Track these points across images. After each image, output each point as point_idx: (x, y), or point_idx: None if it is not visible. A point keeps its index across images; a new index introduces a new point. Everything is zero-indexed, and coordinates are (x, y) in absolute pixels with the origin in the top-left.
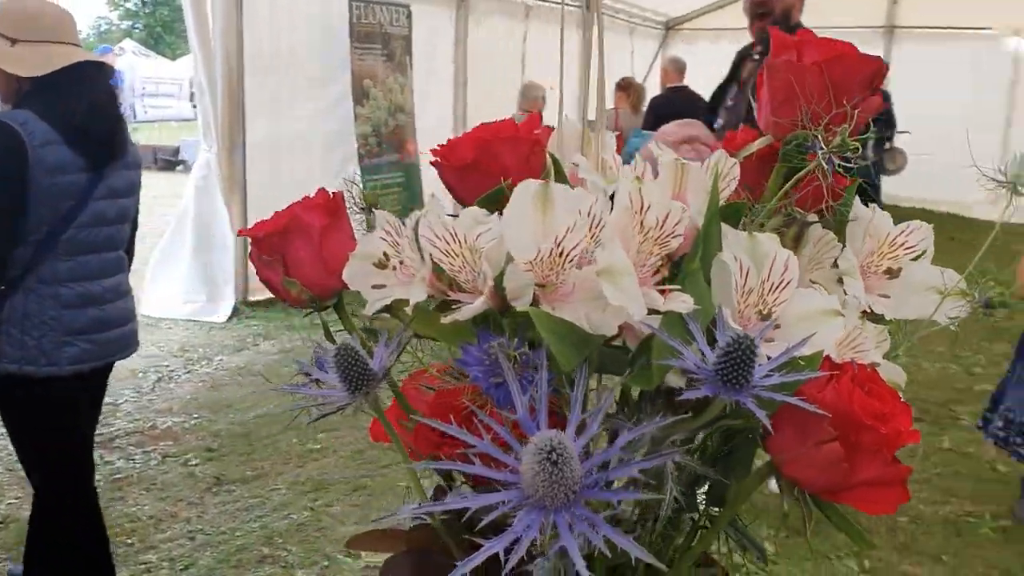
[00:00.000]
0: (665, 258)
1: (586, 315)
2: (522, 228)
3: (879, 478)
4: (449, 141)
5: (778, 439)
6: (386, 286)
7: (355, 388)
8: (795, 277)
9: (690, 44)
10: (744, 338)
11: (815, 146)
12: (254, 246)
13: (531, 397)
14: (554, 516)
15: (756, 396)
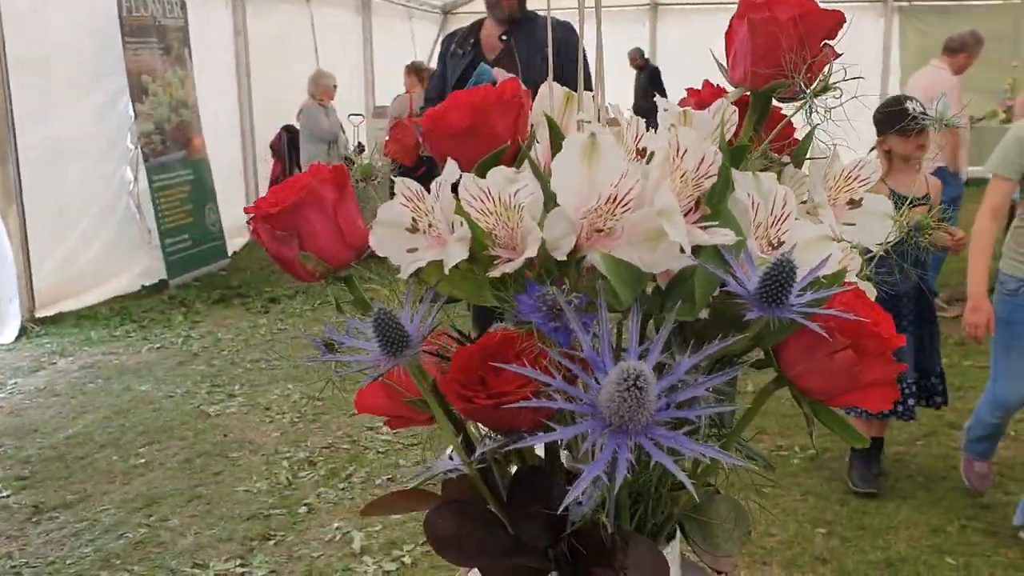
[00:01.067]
0: (697, 199)
1: (639, 256)
2: (571, 180)
3: (881, 378)
4: (434, 110)
5: (791, 354)
6: (418, 249)
7: (394, 351)
8: (793, 210)
9: None
10: (786, 261)
11: (801, 90)
12: (265, 223)
13: (592, 335)
14: (636, 438)
15: (795, 312)
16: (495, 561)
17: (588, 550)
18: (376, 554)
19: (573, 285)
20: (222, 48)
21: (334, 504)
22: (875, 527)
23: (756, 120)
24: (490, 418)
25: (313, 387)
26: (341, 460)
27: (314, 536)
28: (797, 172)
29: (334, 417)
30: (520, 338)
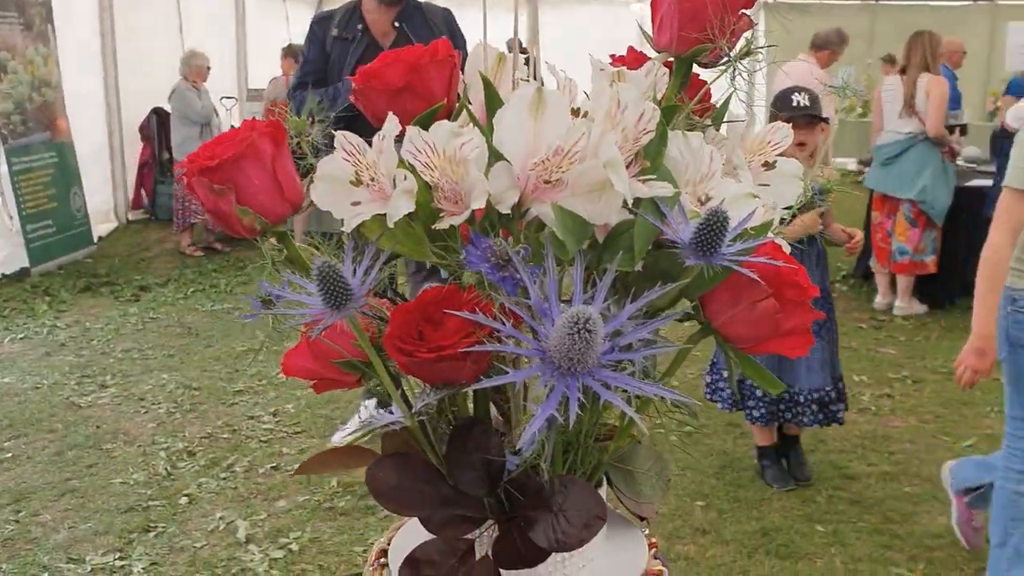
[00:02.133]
0: (636, 154)
1: (583, 208)
2: (518, 133)
3: (799, 325)
4: (368, 68)
5: (718, 305)
6: (361, 203)
7: (337, 304)
8: (719, 168)
9: None
10: (719, 212)
11: (725, 53)
12: (202, 176)
13: (539, 284)
14: (584, 379)
15: (728, 260)
16: (434, 511)
17: (525, 497)
18: (262, 542)
19: (517, 237)
20: (87, 25)
21: (216, 494)
22: (750, 499)
23: (679, 84)
24: (430, 372)
25: (189, 376)
26: (222, 450)
27: (196, 527)
28: (717, 135)
29: (212, 407)
30: (456, 293)
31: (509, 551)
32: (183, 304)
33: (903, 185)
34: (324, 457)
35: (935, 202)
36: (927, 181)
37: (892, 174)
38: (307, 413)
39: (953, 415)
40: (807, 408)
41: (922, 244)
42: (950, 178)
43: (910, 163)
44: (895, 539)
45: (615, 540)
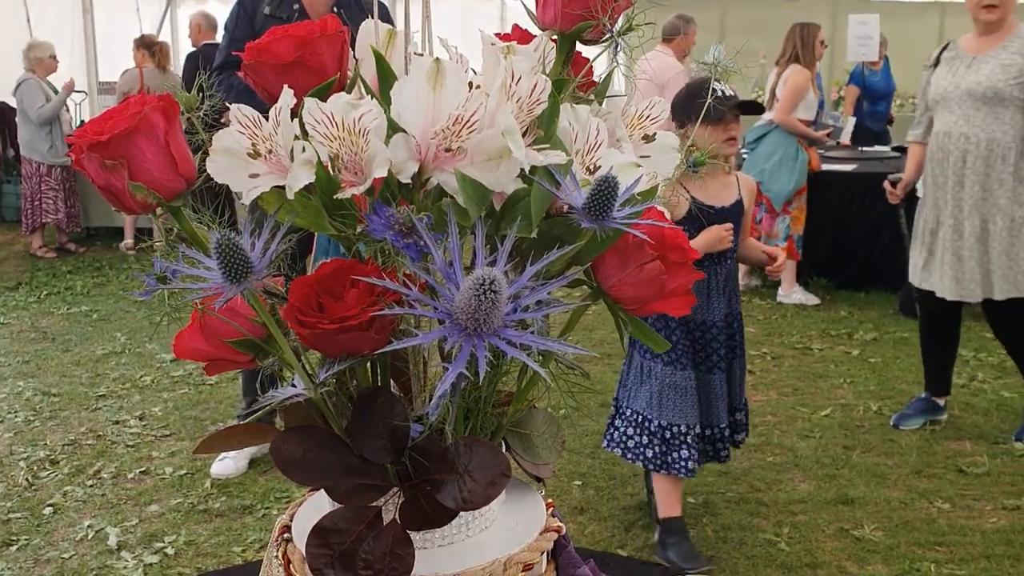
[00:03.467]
0: (530, 124)
1: (482, 176)
2: (417, 103)
3: (682, 286)
4: (257, 42)
5: (607, 269)
6: (259, 175)
7: (237, 278)
8: (605, 139)
9: (202, 3)
10: (610, 178)
11: (608, 29)
12: (92, 151)
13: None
14: (490, 339)
15: (619, 223)
16: (340, 481)
17: (430, 461)
18: (135, 548)
19: (419, 206)
20: None
21: (83, 502)
22: (624, 476)
23: (564, 60)
24: (332, 343)
25: (47, 382)
26: (87, 456)
27: (63, 536)
28: (600, 109)
29: (74, 413)
30: (356, 266)
31: (416, 514)
32: (37, 308)
33: (751, 170)
34: (225, 434)
35: (772, 186)
36: (768, 165)
37: (749, 161)
38: (175, 416)
39: (810, 387)
40: (724, 443)
41: (775, 230)
42: (799, 166)
43: (763, 150)
44: (761, 506)
45: (514, 501)
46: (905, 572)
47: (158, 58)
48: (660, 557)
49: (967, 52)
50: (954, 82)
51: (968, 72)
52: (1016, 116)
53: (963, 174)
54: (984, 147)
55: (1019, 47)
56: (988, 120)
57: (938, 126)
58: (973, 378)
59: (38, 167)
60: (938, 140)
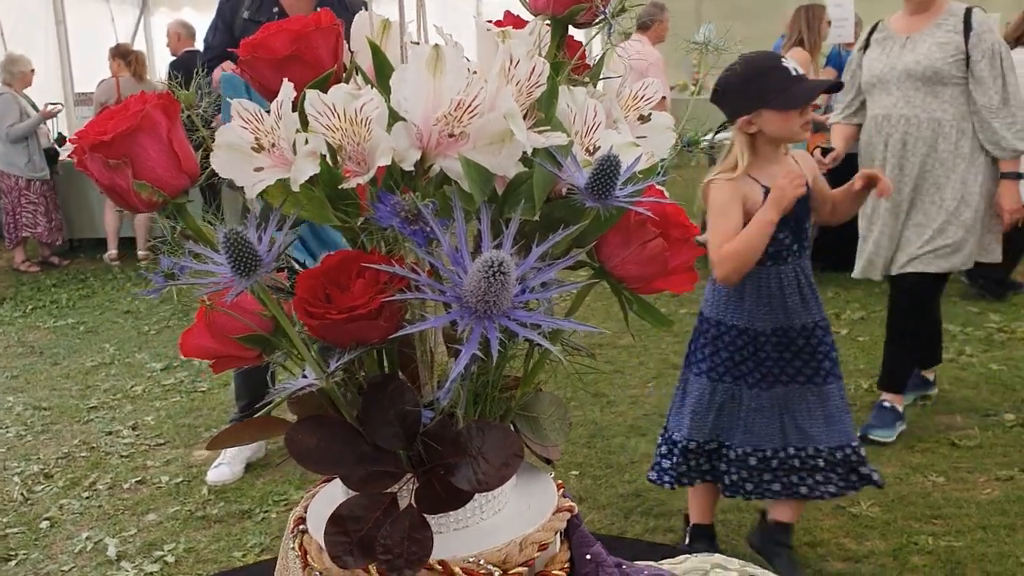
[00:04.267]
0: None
1: (485, 160)
2: (418, 90)
3: (684, 263)
4: (252, 39)
5: (610, 249)
6: (264, 169)
7: (246, 272)
8: (603, 120)
9: (176, 11)
10: (612, 157)
11: (601, 11)
12: (95, 152)
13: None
14: (500, 320)
15: (621, 202)
16: (354, 468)
17: (442, 445)
18: (135, 558)
19: (424, 192)
20: None
21: (80, 514)
22: (620, 464)
23: (557, 44)
24: (341, 333)
25: (37, 396)
26: (81, 469)
27: (62, 549)
28: (595, 91)
29: (66, 426)
30: (360, 256)
31: (432, 498)
32: (23, 322)
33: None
34: (238, 429)
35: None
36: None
37: None
38: (168, 424)
39: None
40: (830, 473)
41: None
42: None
43: None
44: None
45: (525, 484)
46: (903, 546)
47: (134, 67)
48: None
49: (899, 32)
50: (889, 63)
51: (904, 52)
52: (956, 94)
53: (903, 156)
54: (926, 127)
55: (953, 25)
56: (928, 100)
57: (875, 109)
58: (961, 352)
59: (16, 181)
60: (876, 123)
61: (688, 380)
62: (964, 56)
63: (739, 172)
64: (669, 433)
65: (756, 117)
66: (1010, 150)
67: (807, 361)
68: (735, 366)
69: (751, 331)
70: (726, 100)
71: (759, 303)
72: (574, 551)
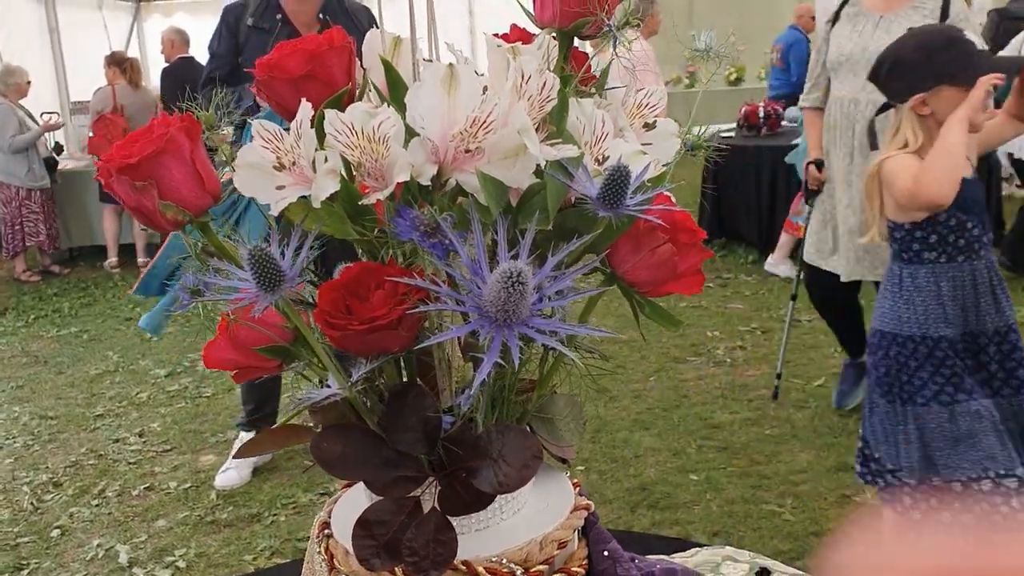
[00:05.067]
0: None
1: (500, 173)
2: (433, 108)
3: (693, 266)
4: (267, 59)
5: (621, 255)
6: (286, 187)
7: (270, 287)
8: (611, 130)
9: (169, 17)
10: (622, 168)
11: (606, 24)
12: (122, 174)
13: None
14: (520, 328)
15: (632, 210)
16: (378, 474)
17: (462, 449)
18: (146, 564)
19: (441, 206)
20: None
21: (90, 522)
22: (625, 458)
23: (563, 56)
24: (363, 343)
25: (43, 406)
26: (90, 477)
27: (73, 557)
28: (601, 101)
29: (73, 434)
30: (379, 268)
31: (455, 500)
32: (26, 332)
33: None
34: (264, 438)
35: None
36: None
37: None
38: (175, 430)
39: (801, 359)
40: None
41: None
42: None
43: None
44: (763, 479)
45: (543, 483)
46: None
47: (129, 75)
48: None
49: (872, 10)
50: (860, 43)
51: (877, 33)
52: None
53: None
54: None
55: (932, 8)
56: None
57: (841, 91)
58: None
59: (17, 191)
60: (842, 107)
61: (911, 414)
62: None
63: (911, 150)
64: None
65: (933, 96)
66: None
67: (997, 370)
68: (960, 379)
69: (960, 336)
70: (897, 76)
71: (954, 304)
72: (591, 548)
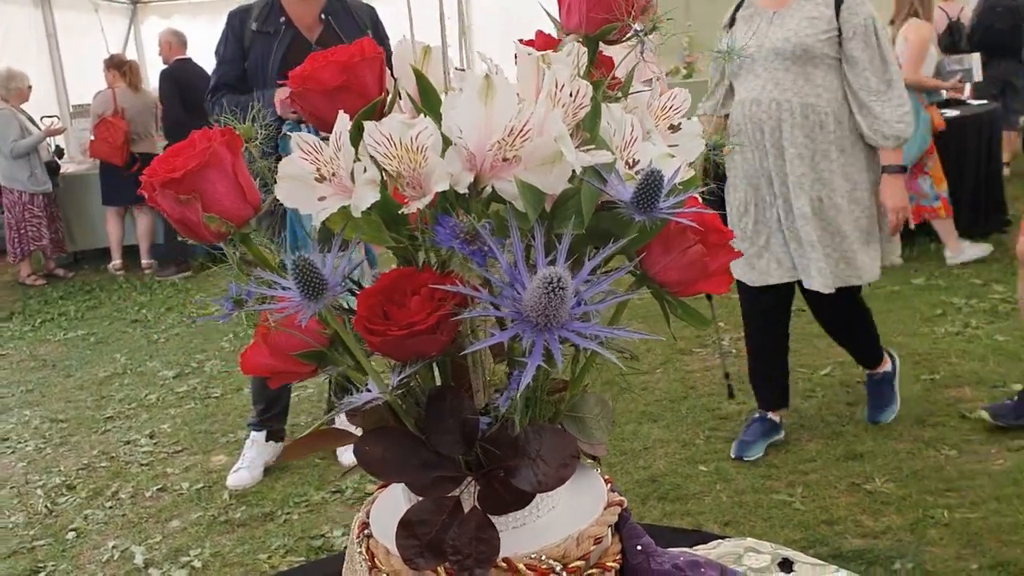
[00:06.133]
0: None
1: (537, 179)
2: (471, 117)
3: (722, 266)
4: (300, 71)
5: (652, 256)
6: (326, 198)
7: (314, 296)
8: (640, 134)
9: (167, 19)
10: (656, 172)
11: (633, 30)
12: (166, 188)
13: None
14: (560, 332)
15: (666, 213)
16: (419, 475)
17: (500, 449)
18: (162, 564)
19: (478, 213)
20: None
21: (105, 524)
22: (635, 450)
23: (589, 62)
24: (401, 348)
25: (53, 409)
26: (102, 479)
27: (89, 559)
28: (627, 104)
29: (84, 437)
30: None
31: (495, 500)
32: (33, 336)
33: None
34: (308, 440)
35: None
36: None
37: None
38: (185, 431)
39: (807, 348)
40: None
41: (919, 190)
42: (922, 125)
43: None
44: (772, 468)
45: (576, 481)
46: (919, 520)
47: (129, 77)
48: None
49: (765, 7)
50: (756, 42)
51: (771, 29)
52: (830, 77)
53: (782, 146)
54: (799, 114)
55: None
56: (800, 83)
57: (744, 93)
58: (967, 324)
59: (20, 196)
60: (745, 109)
61: None
62: (837, 32)
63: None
64: None
65: None
66: (893, 137)
67: None
68: None
69: None
70: None
71: None
72: (625, 543)
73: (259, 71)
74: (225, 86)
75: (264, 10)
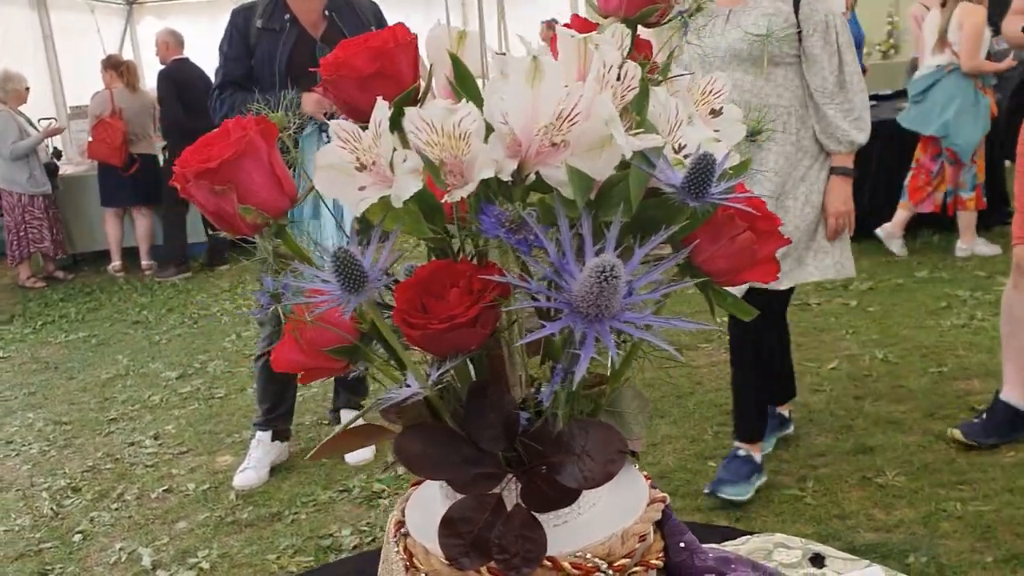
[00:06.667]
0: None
1: (586, 165)
2: (518, 102)
3: (770, 253)
4: (332, 58)
5: (701, 244)
6: (366, 188)
7: (355, 288)
8: (685, 118)
9: (162, 19)
10: (708, 156)
11: (677, 11)
12: (201, 179)
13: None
14: (611, 323)
15: (717, 199)
16: (459, 472)
17: (543, 445)
18: (170, 566)
19: (523, 201)
20: None
21: (111, 526)
22: (643, 446)
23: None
24: (440, 342)
25: (56, 411)
26: (107, 481)
27: (97, 561)
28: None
29: (88, 439)
30: (451, 265)
31: (539, 497)
32: (34, 339)
33: (926, 122)
34: (340, 438)
35: (957, 138)
36: (949, 116)
37: (920, 111)
38: (190, 432)
39: (813, 342)
40: None
41: (961, 180)
42: (981, 112)
43: (936, 98)
44: (782, 463)
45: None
46: (932, 513)
47: (127, 78)
48: None
49: (721, 4)
50: (712, 42)
51: (728, 28)
52: (790, 76)
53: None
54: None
55: None
56: (759, 83)
57: None
58: (973, 317)
59: (19, 198)
60: None
61: None
62: (796, 30)
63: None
64: None
65: None
66: (846, 142)
67: None
68: None
69: None
70: None
71: None
72: (668, 540)
73: (265, 68)
74: (231, 83)
75: (268, 7)
